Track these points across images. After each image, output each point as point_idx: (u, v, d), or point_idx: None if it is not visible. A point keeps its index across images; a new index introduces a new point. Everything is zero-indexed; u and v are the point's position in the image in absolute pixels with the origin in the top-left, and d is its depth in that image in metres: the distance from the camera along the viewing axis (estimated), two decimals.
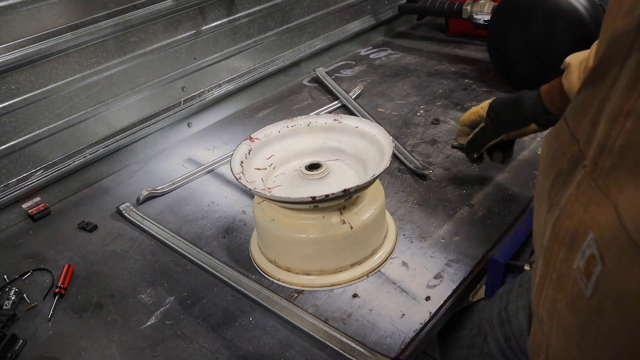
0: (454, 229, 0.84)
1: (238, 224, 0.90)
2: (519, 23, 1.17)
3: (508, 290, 0.76)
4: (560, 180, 0.39)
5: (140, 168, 1.11)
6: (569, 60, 0.72)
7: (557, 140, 0.42)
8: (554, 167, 0.40)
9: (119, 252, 0.86)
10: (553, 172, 0.40)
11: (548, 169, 0.42)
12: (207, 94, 1.22)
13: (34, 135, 0.95)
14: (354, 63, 1.51)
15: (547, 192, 0.40)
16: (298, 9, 1.38)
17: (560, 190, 0.38)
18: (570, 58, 0.72)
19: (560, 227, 0.37)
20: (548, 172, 0.42)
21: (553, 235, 0.37)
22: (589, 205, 0.34)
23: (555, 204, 0.38)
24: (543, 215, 0.40)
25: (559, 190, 0.38)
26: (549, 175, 0.41)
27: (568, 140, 0.39)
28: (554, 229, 0.37)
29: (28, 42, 0.90)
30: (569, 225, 0.36)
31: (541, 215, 0.41)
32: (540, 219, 0.42)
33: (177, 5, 1.09)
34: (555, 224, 0.37)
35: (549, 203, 0.39)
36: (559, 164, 0.40)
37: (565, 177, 0.38)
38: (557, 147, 0.41)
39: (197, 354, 0.67)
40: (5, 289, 0.78)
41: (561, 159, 0.39)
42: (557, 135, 0.43)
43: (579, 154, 0.37)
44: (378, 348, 0.65)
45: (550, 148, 0.43)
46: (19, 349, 0.69)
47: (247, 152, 0.79)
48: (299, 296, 0.75)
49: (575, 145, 0.38)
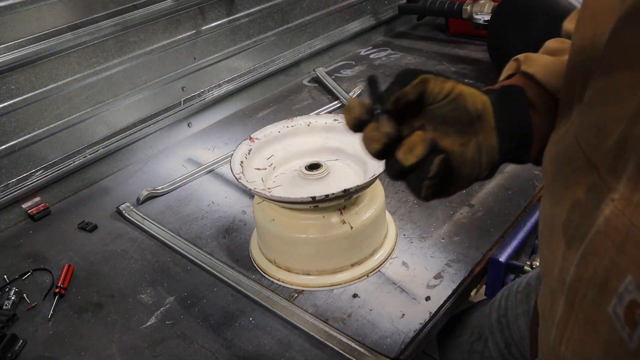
0: (454, 229, 0.84)
1: (238, 224, 0.90)
2: (519, 23, 1.17)
3: (506, 296, 0.76)
4: (579, 212, 0.34)
5: (140, 168, 1.11)
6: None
7: (568, 164, 0.37)
8: (568, 197, 0.36)
9: (119, 252, 0.86)
10: (567, 203, 0.36)
11: (560, 197, 0.37)
12: (207, 94, 1.22)
13: (34, 135, 0.95)
14: (354, 63, 1.51)
15: (561, 224, 0.36)
16: (298, 9, 1.38)
17: (581, 224, 0.34)
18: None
19: (587, 267, 0.33)
20: (560, 201, 0.37)
21: (578, 274, 0.34)
22: (625, 245, 0.30)
23: (576, 239, 0.34)
24: (560, 250, 0.36)
25: (579, 225, 0.34)
26: (561, 204, 0.37)
27: (583, 166, 0.35)
28: (579, 269, 0.33)
29: (28, 42, 0.89)
30: (598, 265, 0.32)
31: (557, 249, 0.37)
32: (555, 252, 0.37)
33: (177, 5, 1.09)
34: (581, 263, 0.33)
35: (568, 237, 0.35)
36: (574, 193, 0.35)
37: (585, 211, 0.34)
38: (569, 172, 0.36)
39: (197, 354, 0.67)
40: (5, 289, 0.78)
41: (576, 189, 0.35)
42: (567, 158, 0.37)
43: (601, 185, 0.32)
44: (378, 348, 0.65)
45: (559, 172, 0.38)
46: (19, 349, 0.69)
47: (247, 152, 0.79)
48: (299, 296, 0.75)
49: (593, 173, 0.33)
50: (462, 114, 0.44)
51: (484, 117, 0.45)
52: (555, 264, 0.37)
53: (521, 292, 0.73)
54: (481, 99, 0.45)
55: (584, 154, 0.35)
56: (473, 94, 0.45)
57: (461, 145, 0.45)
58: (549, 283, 0.39)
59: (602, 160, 0.33)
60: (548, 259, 0.39)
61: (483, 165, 0.46)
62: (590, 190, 0.33)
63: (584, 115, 0.37)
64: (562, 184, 0.37)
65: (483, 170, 0.46)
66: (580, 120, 0.37)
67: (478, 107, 0.45)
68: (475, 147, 0.45)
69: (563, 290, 0.35)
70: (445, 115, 0.44)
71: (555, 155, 0.40)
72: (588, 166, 0.34)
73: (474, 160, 0.45)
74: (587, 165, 0.34)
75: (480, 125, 0.45)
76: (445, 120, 0.45)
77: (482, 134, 0.45)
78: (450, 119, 0.45)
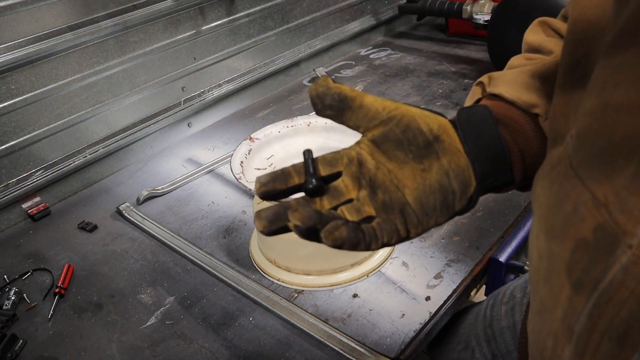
0: (454, 229, 0.84)
1: (238, 224, 0.90)
2: (519, 23, 1.17)
3: (491, 305, 0.75)
4: (587, 255, 0.31)
5: (140, 168, 1.11)
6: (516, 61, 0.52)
7: (567, 197, 0.33)
8: (570, 235, 0.32)
9: (119, 252, 0.86)
10: (570, 242, 0.32)
11: (559, 234, 0.33)
12: (207, 94, 1.22)
13: (34, 135, 0.95)
14: (354, 63, 1.51)
15: (564, 265, 0.32)
16: (298, 9, 1.38)
17: (591, 269, 0.30)
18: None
19: (602, 317, 0.29)
20: (559, 238, 0.33)
21: (590, 324, 0.30)
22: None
23: (585, 285, 0.31)
24: (564, 293, 0.32)
25: (587, 269, 0.30)
26: (561, 242, 0.33)
27: (587, 202, 0.30)
28: (593, 318, 0.30)
29: (28, 42, 0.89)
30: (615, 317, 0.29)
31: (559, 291, 0.33)
32: (556, 293, 0.33)
33: (177, 5, 1.09)
34: (594, 313, 0.30)
35: (574, 280, 0.32)
36: (577, 231, 0.31)
37: (595, 253, 0.30)
38: (569, 208, 0.32)
39: (197, 354, 0.67)
40: (5, 289, 0.78)
41: (580, 226, 0.31)
42: (564, 191, 0.33)
43: (612, 226, 0.29)
44: (378, 348, 0.65)
45: (557, 206, 0.34)
46: (19, 349, 0.69)
47: (247, 152, 0.79)
48: (299, 296, 0.75)
49: (601, 211, 0.29)
50: (416, 135, 0.41)
51: (443, 138, 0.41)
52: (558, 306, 0.33)
53: (506, 304, 0.72)
54: (436, 120, 0.42)
55: (586, 188, 0.31)
56: (425, 115, 0.42)
57: (422, 171, 0.41)
58: (548, 323, 0.35)
59: (611, 198, 0.29)
60: (546, 297, 0.35)
61: (456, 192, 0.41)
62: (598, 230, 0.30)
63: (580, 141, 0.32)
64: (562, 219, 0.33)
65: (458, 197, 0.41)
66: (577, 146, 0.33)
67: (432, 127, 0.41)
68: (439, 171, 0.40)
69: (571, 338, 0.32)
70: (398, 138, 0.41)
71: (550, 187, 0.35)
72: (592, 202, 0.30)
73: (443, 185, 0.40)
74: (591, 201, 0.30)
75: (440, 147, 0.41)
76: (399, 144, 0.41)
77: (446, 156, 0.41)
78: (405, 142, 0.41)
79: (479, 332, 0.75)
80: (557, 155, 0.36)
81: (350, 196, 0.41)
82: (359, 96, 0.40)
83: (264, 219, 0.39)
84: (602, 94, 0.30)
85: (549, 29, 0.52)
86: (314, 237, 0.39)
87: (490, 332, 0.73)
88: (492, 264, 0.77)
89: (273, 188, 0.41)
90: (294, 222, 0.38)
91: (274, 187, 0.41)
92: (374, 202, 0.41)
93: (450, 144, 0.41)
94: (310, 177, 0.41)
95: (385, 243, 0.40)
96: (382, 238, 0.39)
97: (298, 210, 0.38)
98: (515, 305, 0.71)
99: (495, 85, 0.46)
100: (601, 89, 0.31)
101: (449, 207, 0.41)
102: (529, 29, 0.53)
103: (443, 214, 0.41)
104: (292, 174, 0.41)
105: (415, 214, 0.40)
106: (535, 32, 0.52)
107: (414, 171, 0.41)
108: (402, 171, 0.41)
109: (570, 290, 0.32)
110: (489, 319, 0.74)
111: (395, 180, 0.41)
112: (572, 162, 0.33)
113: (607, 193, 0.29)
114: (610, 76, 0.30)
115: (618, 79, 0.30)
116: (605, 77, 0.31)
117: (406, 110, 0.41)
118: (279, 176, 0.41)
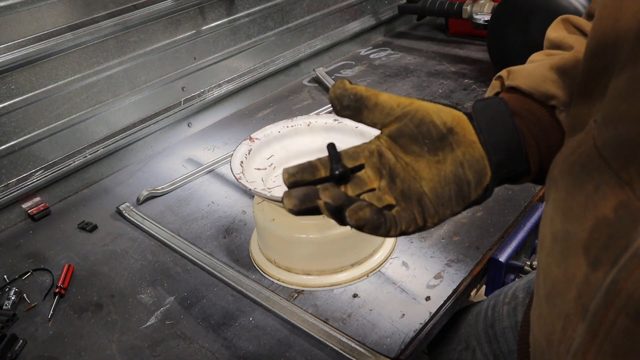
0: (454, 229, 0.84)
1: (238, 224, 0.90)
2: (519, 23, 1.17)
3: (492, 305, 0.75)
4: (607, 232, 0.31)
5: (140, 168, 1.11)
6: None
7: (589, 178, 0.33)
8: (590, 214, 0.32)
9: (119, 252, 0.86)
10: (589, 221, 0.32)
11: (578, 214, 0.34)
12: (207, 94, 1.22)
13: (34, 135, 0.95)
14: (354, 63, 1.51)
15: (581, 244, 0.33)
16: (298, 9, 1.38)
17: (610, 245, 0.31)
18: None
19: (620, 294, 0.30)
20: (578, 218, 0.34)
21: (607, 300, 0.31)
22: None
23: (603, 262, 0.31)
24: (580, 272, 0.33)
25: (607, 245, 0.31)
26: (580, 222, 0.33)
27: (610, 181, 0.31)
28: (609, 295, 0.30)
29: (28, 42, 0.89)
30: (634, 293, 0.29)
31: (575, 270, 0.33)
32: (571, 273, 0.34)
33: (177, 5, 1.09)
34: (611, 289, 0.30)
35: (592, 258, 0.32)
36: (597, 210, 0.32)
37: (615, 231, 0.31)
38: (590, 188, 0.33)
39: (197, 354, 0.67)
40: (5, 289, 0.78)
41: (601, 204, 0.31)
42: (586, 172, 0.34)
43: (635, 203, 0.29)
44: (378, 348, 0.65)
45: (577, 186, 0.34)
46: (19, 349, 0.69)
47: (247, 152, 0.79)
48: (299, 296, 0.75)
49: (625, 190, 0.30)
50: (429, 129, 0.42)
51: (457, 130, 0.42)
52: (572, 286, 0.34)
53: (508, 304, 0.72)
54: (450, 113, 0.43)
55: (610, 168, 0.31)
56: (439, 109, 0.42)
57: (437, 163, 0.42)
58: (559, 306, 0.35)
59: (636, 177, 0.29)
60: (559, 280, 0.35)
61: (471, 182, 0.42)
62: (621, 208, 0.30)
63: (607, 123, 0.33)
64: (582, 199, 0.33)
65: (474, 187, 0.42)
66: (602, 128, 0.33)
67: (446, 120, 0.42)
68: (454, 163, 0.41)
69: (585, 316, 0.32)
70: (412, 132, 0.42)
71: (570, 169, 0.36)
72: (616, 181, 0.31)
73: (457, 176, 0.41)
74: (615, 180, 0.31)
75: (454, 139, 0.42)
76: (414, 139, 0.42)
77: (460, 147, 0.42)
78: (419, 136, 0.42)
79: (480, 332, 0.75)
80: (577, 141, 0.37)
81: (372, 186, 0.43)
82: (374, 95, 0.42)
83: (294, 197, 0.41)
84: (634, 72, 0.31)
85: (571, 26, 0.53)
86: (341, 216, 0.40)
87: (491, 332, 0.73)
88: (492, 264, 0.77)
89: (302, 179, 0.43)
90: (324, 200, 0.39)
91: (302, 178, 0.43)
92: (393, 192, 0.42)
93: (464, 136, 0.42)
94: (337, 164, 0.43)
95: (403, 231, 0.41)
96: (401, 225, 0.41)
97: (329, 190, 0.40)
98: (518, 306, 0.71)
99: (513, 79, 0.47)
100: (634, 66, 0.31)
101: (464, 197, 0.42)
102: (551, 26, 0.54)
103: (459, 203, 0.42)
104: (319, 166, 0.43)
105: (432, 204, 0.42)
106: (557, 29, 0.53)
107: (429, 163, 0.42)
108: (418, 164, 0.42)
109: (587, 269, 0.32)
110: (491, 320, 0.74)
111: (412, 172, 0.42)
112: (597, 143, 0.33)
113: (631, 172, 0.30)
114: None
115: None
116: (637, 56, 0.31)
117: (420, 105, 0.42)
118: (307, 168, 0.43)
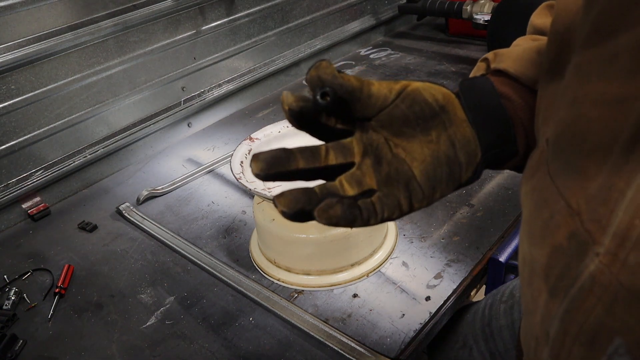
0: (454, 229, 0.84)
1: (238, 224, 0.90)
2: (519, 23, 1.17)
3: (490, 304, 0.75)
4: (561, 261, 0.31)
5: (140, 168, 1.11)
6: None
7: (545, 203, 0.33)
8: (547, 240, 0.33)
9: (119, 252, 0.86)
10: (547, 247, 0.33)
11: (538, 239, 0.34)
12: (207, 94, 1.22)
13: (34, 135, 0.95)
14: (354, 63, 1.51)
15: (542, 268, 0.33)
16: (298, 9, 1.38)
17: (564, 275, 0.31)
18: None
19: (572, 323, 0.30)
20: (539, 242, 0.34)
21: (562, 329, 0.31)
22: (613, 306, 0.27)
23: (559, 290, 0.31)
24: (542, 297, 0.33)
25: (562, 275, 0.31)
26: (540, 246, 0.33)
27: (562, 210, 0.31)
28: (564, 323, 0.31)
29: (28, 42, 0.89)
30: (584, 323, 0.29)
31: (538, 294, 0.34)
32: (536, 296, 0.34)
33: (177, 5, 1.09)
34: (565, 318, 0.30)
35: (550, 286, 0.32)
36: (553, 237, 0.32)
37: (567, 259, 0.31)
38: (546, 214, 0.33)
39: (197, 354, 0.67)
40: (5, 289, 0.78)
41: (556, 232, 0.32)
42: (543, 198, 0.34)
43: (584, 234, 0.29)
44: (378, 348, 0.65)
45: (536, 211, 0.35)
46: (19, 349, 0.69)
47: (247, 152, 0.79)
48: (299, 296, 0.75)
49: (575, 219, 0.30)
50: (423, 108, 0.40)
51: (448, 107, 0.40)
52: (537, 310, 0.34)
53: (505, 303, 0.72)
54: (440, 90, 0.41)
55: (561, 196, 0.31)
56: (429, 87, 0.41)
57: (429, 142, 0.40)
58: (531, 325, 0.36)
59: (584, 206, 0.29)
60: (529, 300, 0.36)
61: (462, 164, 0.40)
62: (572, 237, 0.30)
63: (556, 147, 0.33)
64: (540, 225, 0.34)
65: (464, 168, 0.40)
66: (553, 152, 0.33)
67: (437, 97, 0.40)
68: (447, 142, 0.40)
69: (547, 341, 0.33)
70: (404, 114, 0.39)
71: (531, 193, 0.36)
72: (567, 210, 0.31)
73: (449, 157, 0.40)
74: (566, 209, 0.31)
75: (446, 117, 0.40)
76: (406, 120, 0.40)
77: (452, 126, 0.40)
78: (411, 116, 0.39)
79: (477, 330, 0.75)
80: (536, 160, 0.37)
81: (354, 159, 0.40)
82: (366, 85, 0.39)
83: (262, 160, 0.38)
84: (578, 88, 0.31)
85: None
86: (306, 218, 0.37)
87: (488, 330, 0.73)
88: (492, 264, 0.77)
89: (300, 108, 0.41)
90: (280, 209, 0.36)
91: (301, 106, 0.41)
92: (377, 174, 0.39)
93: (455, 114, 0.40)
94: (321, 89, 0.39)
95: (385, 218, 0.39)
96: (383, 213, 0.38)
97: (284, 195, 0.36)
98: (514, 304, 0.71)
99: (500, 62, 0.45)
100: (577, 85, 0.31)
101: (455, 179, 0.40)
102: (535, 12, 0.52)
103: (449, 186, 0.40)
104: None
105: (421, 187, 0.39)
106: (542, 15, 0.52)
107: (422, 144, 0.40)
108: (410, 144, 0.40)
109: (547, 296, 0.33)
110: (488, 318, 0.74)
111: (402, 153, 0.39)
112: (550, 169, 0.33)
113: (579, 201, 0.30)
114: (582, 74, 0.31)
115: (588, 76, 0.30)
116: (579, 75, 0.31)
117: (411, 85, 0.40)
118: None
